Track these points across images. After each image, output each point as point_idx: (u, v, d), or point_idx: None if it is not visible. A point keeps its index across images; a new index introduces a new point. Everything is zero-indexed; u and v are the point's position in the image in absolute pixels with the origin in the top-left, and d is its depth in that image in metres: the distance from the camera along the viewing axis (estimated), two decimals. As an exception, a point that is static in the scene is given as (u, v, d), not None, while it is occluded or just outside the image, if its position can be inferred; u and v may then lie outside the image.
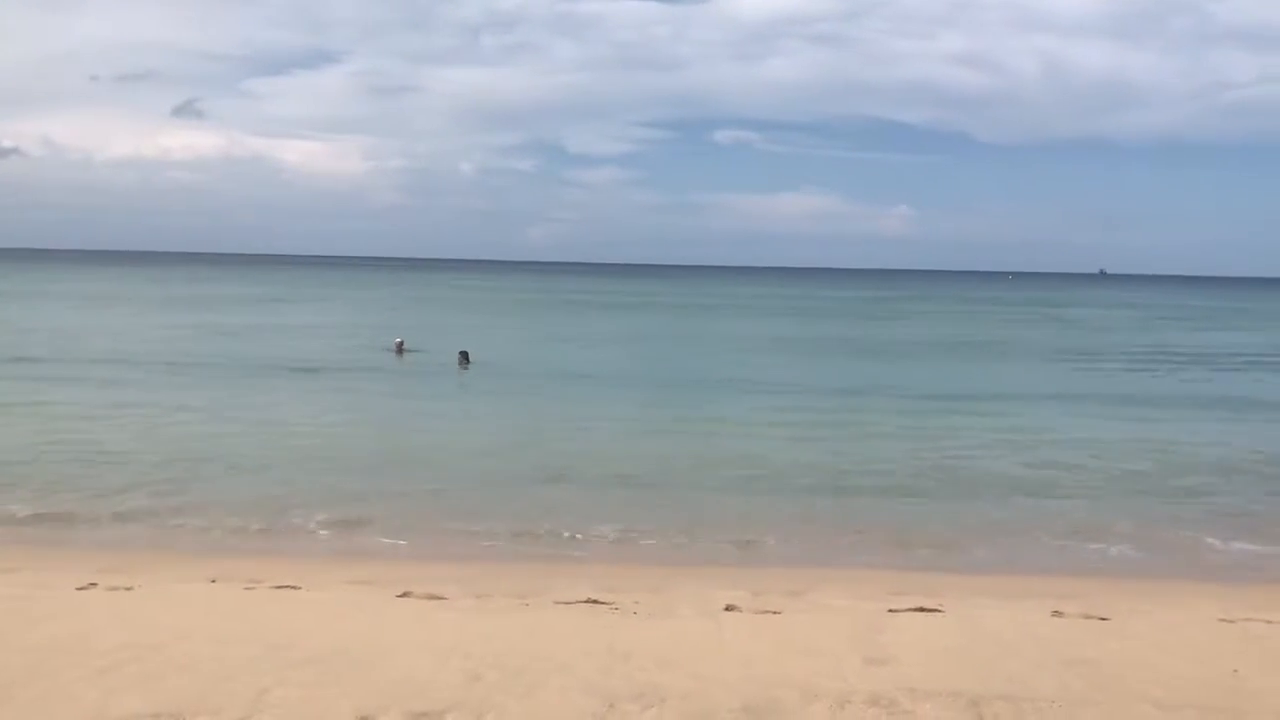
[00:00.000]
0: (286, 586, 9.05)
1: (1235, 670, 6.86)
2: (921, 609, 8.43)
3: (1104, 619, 8.31)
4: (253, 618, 7.78)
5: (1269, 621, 8.34)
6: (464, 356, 30.55)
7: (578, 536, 12.21)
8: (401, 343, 34.17)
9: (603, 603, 8.52)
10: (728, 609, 8.35)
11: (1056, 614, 8.44)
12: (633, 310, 68.40)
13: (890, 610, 8.38)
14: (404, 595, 8.77)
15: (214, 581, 9.27)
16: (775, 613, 8.30)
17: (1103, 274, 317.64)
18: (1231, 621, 8.33)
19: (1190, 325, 61.73)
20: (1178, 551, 12.02)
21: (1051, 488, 15.18)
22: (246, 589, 8.97)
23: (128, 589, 8.80)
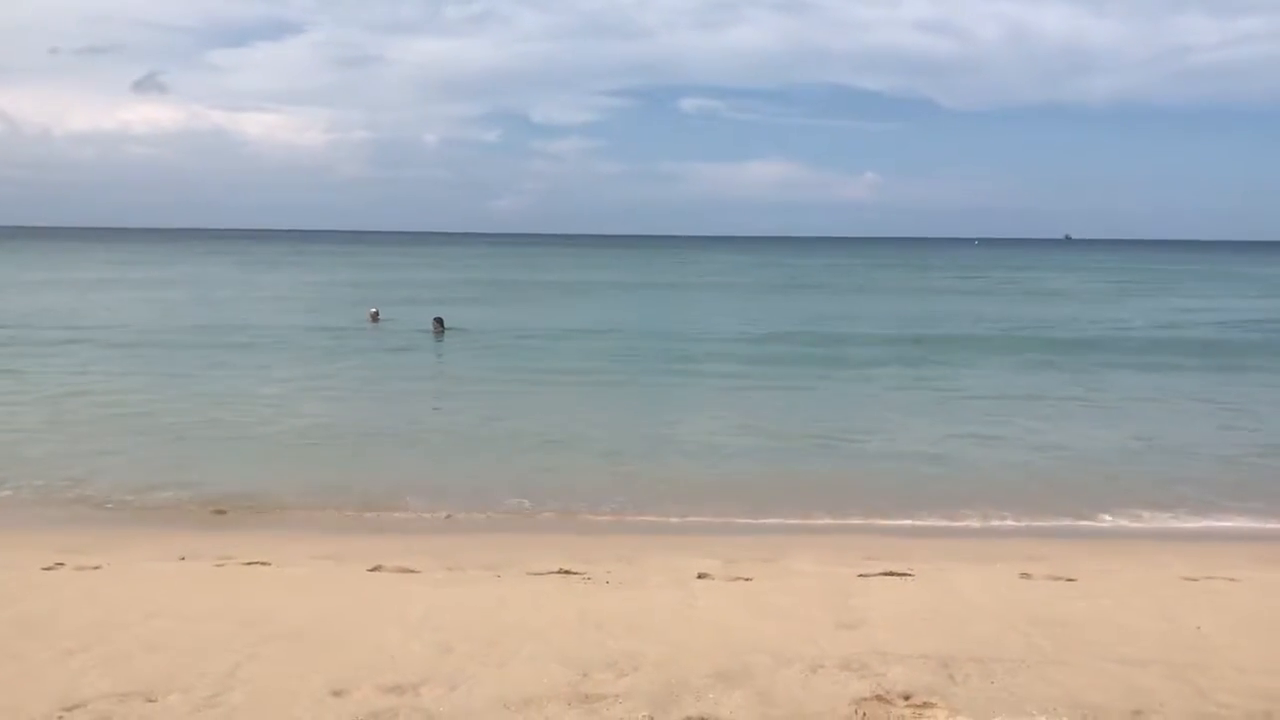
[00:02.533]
0: (257, 563, 8.99)
1: (1199, 627, 6.99)
2: (891, 573, 8.51)
3: (1071, 580, 8.42)
4: (223, 595, 7.73)
5: (1231, 579, 8.50)
6: (439, 324, 30.38)
7: (549, 507, 12.19)
8: (376, 312, 34.00)
9: (575, 573, 8.53)
10: (700, 577, 8.38)
11: (1024, 576, 8.54)
12: (601, 280, 68.18)
13: (861, 575, 8.45)
14: (375, 569, 8.74)
15: (183, 559, 9.19)
16: (747, 580, 8.34)
17: (1068, 239, 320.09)
18: (1195, 579, 8.48)
19: (1157, 288, 62.46)
20: (1142, 511, 12.19)
21: (1016, 451, 15.34)
22: (216, 566, 8.91)
23: (95, 568, 8.71)
